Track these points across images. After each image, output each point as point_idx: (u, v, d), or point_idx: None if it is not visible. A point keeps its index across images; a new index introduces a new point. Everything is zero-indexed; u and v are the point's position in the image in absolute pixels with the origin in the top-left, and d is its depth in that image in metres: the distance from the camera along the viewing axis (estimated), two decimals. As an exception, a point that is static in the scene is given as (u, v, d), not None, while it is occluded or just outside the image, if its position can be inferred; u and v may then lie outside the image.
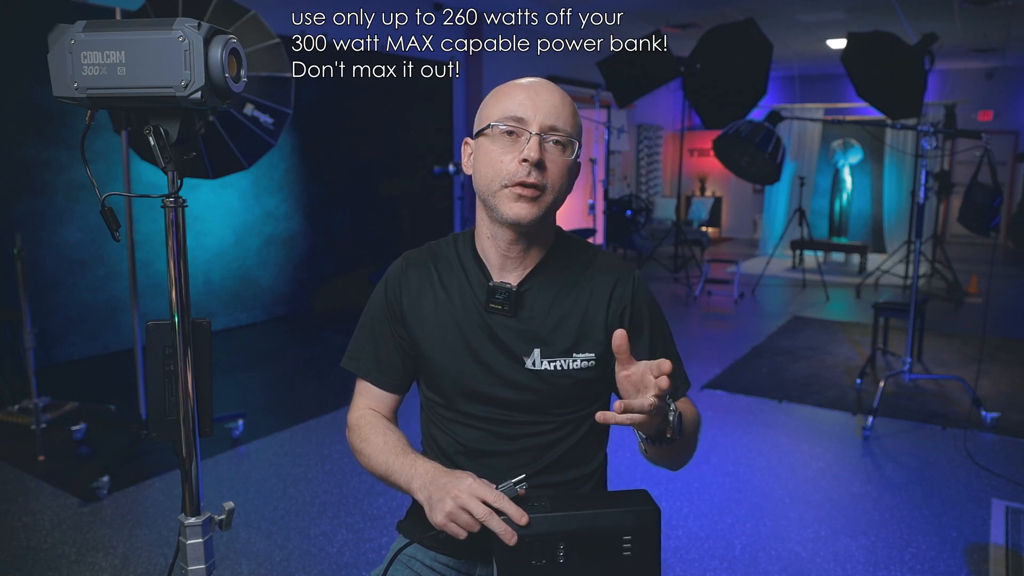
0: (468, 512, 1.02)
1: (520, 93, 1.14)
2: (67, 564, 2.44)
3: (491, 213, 1.17)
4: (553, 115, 1.13)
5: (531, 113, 1.12)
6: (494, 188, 1.14)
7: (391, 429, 1.25)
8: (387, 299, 1.27)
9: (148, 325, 1.00)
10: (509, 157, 1.13)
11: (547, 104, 1.13)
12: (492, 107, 1.16)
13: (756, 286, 7.71)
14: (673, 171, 12.06)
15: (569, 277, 1.23)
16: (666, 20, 7.89)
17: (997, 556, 2.54)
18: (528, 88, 1.15)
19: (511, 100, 1.14)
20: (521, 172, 1.11)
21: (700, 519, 2.79)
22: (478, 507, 1.02)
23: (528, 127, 1.12)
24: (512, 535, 1.00)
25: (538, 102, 1.13)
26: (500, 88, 1.18)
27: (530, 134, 1.12)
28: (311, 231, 6.28)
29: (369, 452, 1.22)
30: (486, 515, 1.01)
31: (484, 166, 1.15)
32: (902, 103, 5.71)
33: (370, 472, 1.23)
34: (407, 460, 1.16)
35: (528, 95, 1.14)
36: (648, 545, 1.06)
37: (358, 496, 2.93)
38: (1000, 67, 10.78)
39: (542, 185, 1.13)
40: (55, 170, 4.51)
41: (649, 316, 1.26)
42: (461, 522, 1.02)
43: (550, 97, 1.14)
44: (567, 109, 1.15)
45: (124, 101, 0.91)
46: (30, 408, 3.43)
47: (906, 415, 3.88)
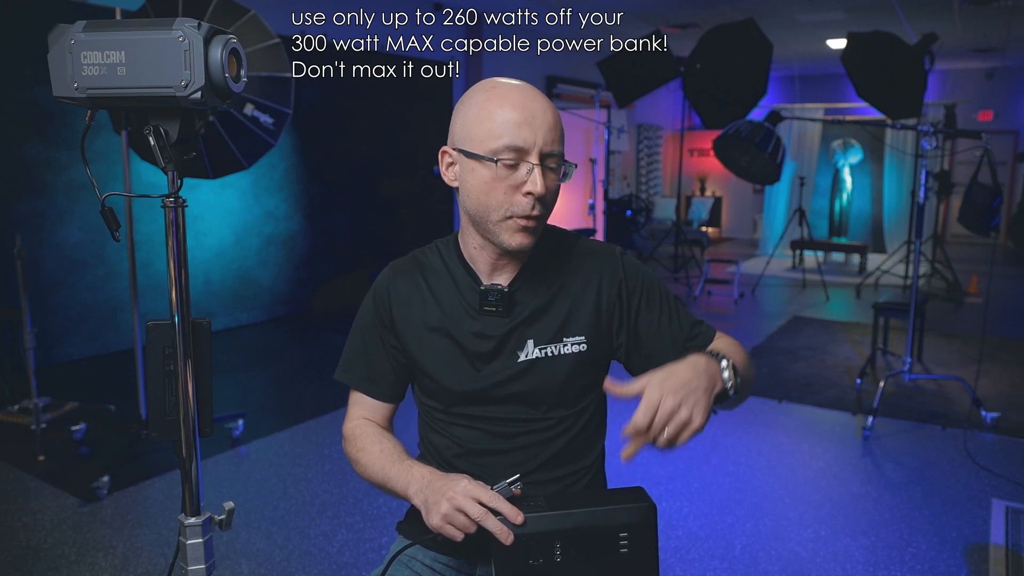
0: (464, 513, 1.02)
1: (514, 112, 1.08)
2: (67, 564, 2.44)
3: (486, 234, 1.16)
4: (550, 138, 1.10)
5: (531, 139, 1.08)
6: (494, 218, 1.12)
7: (386, 437, 1.25)
8: (376, 310, 1.27)
9: (148, 325, 1.00)
10: (511, 188, 1.10)
11: (543, 126, 1.09)
12: (482, 126, 1.10)
13: (756, 286, 7.71)
14: (673, 171, 12.06)
15: (556, 267, 1.23)
16: (666, 20, 7.89)
17: (997, 556, 2.54)
18: (522, 107, 1.09)
19: (505, 122, 1.08)
20: (526, 206, 1.10)
21: (700, 519, 2.79)
22: (473, 507, 1.02)
23: (528, 157, 1.09)
24: (508, 534, 1.00)
25: (535, 125, 1.08)
26: (486, 101, 1.11)
27: (531, 165, 1.09)
28: (311, 231, 6.28)
29: (366, 461, 1.23)
30: (481, 515, 1.01)
31: (480, 193, 1.11)
32: (902, 103, 5.70)
33: (367, 481, 1.24)
34: (403, 466, 1.16)
35: (524, 118, 1.08)
36: (645, 541, 1.05)
37: (358, 496, 2.93)
38: (1000, 67, 10.78)
39: (543, 215, 1.13)
40: (55, 170, 4.51)
41: (646, 290, 1.25)
42: (457, 523, 1.03)
43: (544, 117, 1.10)
44: (557, 123, 1.12)
45: (124, 101, 0.91)
46: (30, 408, 3.43)
47: (906, 415, 3.88)
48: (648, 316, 1.24)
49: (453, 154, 1.16)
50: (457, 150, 1.14)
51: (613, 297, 1.23)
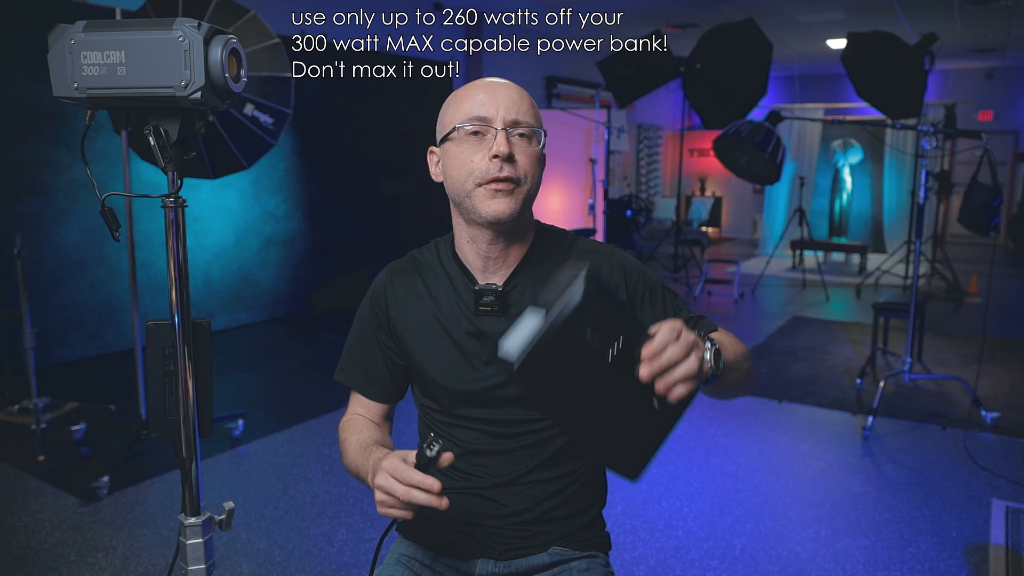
0: (392, 495, 0.98)
1: (479, 93, 1.16)
2: (67, 564, 2.44)
3: (468, 215, 1.17)
4: (515, 109, 1.14)
5: (493, 110, 1.14)
6: (468, 188, 1.14)
7: (366, 427, 1.25)
8: (374, 311, 1.28)
9: (148, 325, 1.00)
10: (479, 156, 1.13)
11: (507, 99, 1.15)
12: (453, 111, 1.17)
13: (756, 286, 7.71)
14: (673, 171, 12.06)
15: (553, 266, 1.23)
16: (666, 20, 7.90)
17: (997, 556, 2.54)
18: (485, 87, 1.16)
19: (471, 101, 1.15)
20: (493, 168, 1.12)
21: (700, 519, 2.79)
22: (397, 487, 0.97)
23: (492, 124, 1.14)
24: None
25: (497, 99, 1.14)
26: (457, 92, 1.19)
27: (496, 130, 1.13)
28: (311, 231, 6.28)
29: (345, 452, 1.24)
30: (405, 493, 0.96)
31: (454, 168, 1.16)
32: (902, 103, 5.70)
33: (350, 474, 1.22)
34: (369, 455, 1.14)
35: (487, 93, 1.15)
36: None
37: (358, 496, 2.93)
38: (1000, 67, 10.79)
39: (516, 178, 1.14)
40: (55, 170, 4.51)
41: (647, 289, 1.26)
42: (395, 506, 0.99)
43: (508, 92, 1.16)
44: (526, 102, 1.17)
45: (124, 101, 0.91)
46: (30, 408, 3.43)
47: (906, 415, 3.88)
48: (653, 310, 1.25)
49: (436, 151, 1.22)
50: (438, 145, 1.21)
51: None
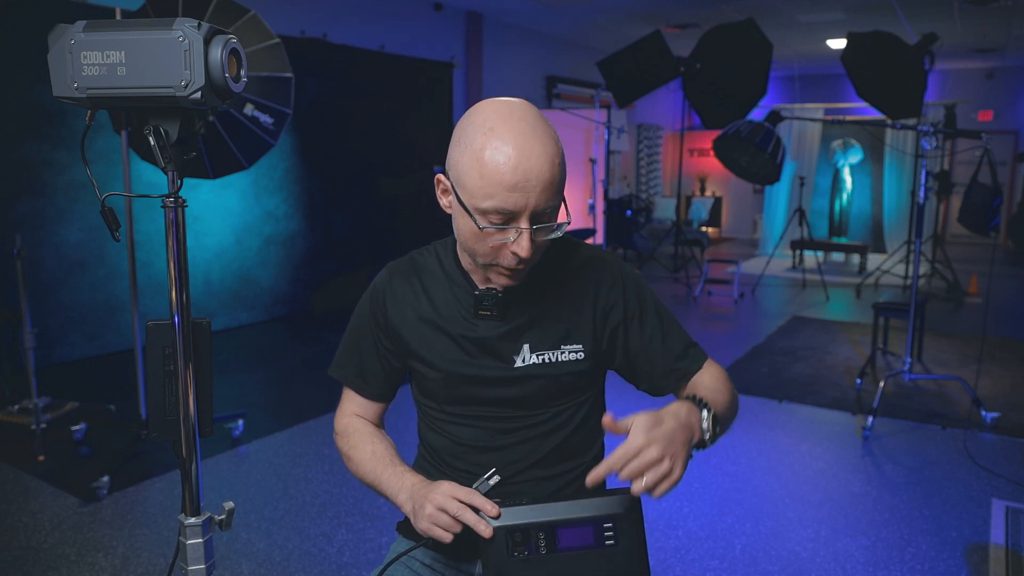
0: (445, 511, 1.07)
1: (508, 176, 1.01)
2: (67, 564, 2.44)
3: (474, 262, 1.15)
4: (544, 198, 1.03)
5: (521, 204, 1.02)
6: (480, 261, 1.12)
7: (379, 438, 1.29)
8: (372, 311, 1.28)
9: (148, 325, 1.00)
10: (498, 243, 1.07)
11: (537, 188, 1.02)
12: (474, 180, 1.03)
13: (756, 286, 7.71)
14: (673, 171, 12.06)
15: (554, 273, 1.23)
16: (666, 20, 7.89)
17: (997, 556, 2.54)
18: (515, 170, 1.01)
19: (499, 188, 1.02)
20: (511, 261, 1.08)
21: (700, 519, 2.79)
22: (452, 504, 1.07)
23: (519, 220, 1.04)
24: (486, 526, 1.05)
25: (528, 188, 1.02)
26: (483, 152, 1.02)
27: (520, 229, 1.04)
28: (311, 231, 6.28)
29: (358, 460, 1.27)
30: (459, 510, 1.07)
31: (468, 240, 1.09)
32: (902, 103, 5.70)
33: (358, 478, 1.28)
34: (395, 472, 1.21)
35: (517, 181, 1.01)
36: (631, 532, 1.05)
37: (358, 496, 2.93)
38: (1000, 67, 10.79)
39: (531, 261, 1.10)
40: (55, 170, 4.51)
41: (643, 304, 1.26)
42: (442, 523, 1.08)
43: (540, 177, 1.02)
44: (554, 179, 1.04)
45: (124, 101, 0.91)
46: (30, 408, 3.43)
47: (906, 415, 3.88)
48: (642, 330, 1.25)
49: (446, 183, 1.12)
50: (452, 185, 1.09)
51: (610, 307, 1.23)
